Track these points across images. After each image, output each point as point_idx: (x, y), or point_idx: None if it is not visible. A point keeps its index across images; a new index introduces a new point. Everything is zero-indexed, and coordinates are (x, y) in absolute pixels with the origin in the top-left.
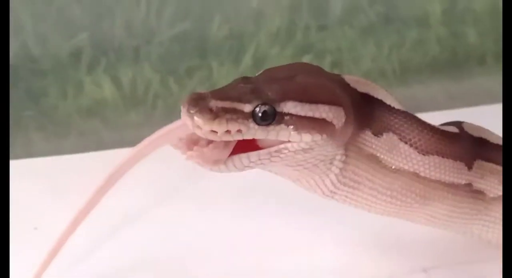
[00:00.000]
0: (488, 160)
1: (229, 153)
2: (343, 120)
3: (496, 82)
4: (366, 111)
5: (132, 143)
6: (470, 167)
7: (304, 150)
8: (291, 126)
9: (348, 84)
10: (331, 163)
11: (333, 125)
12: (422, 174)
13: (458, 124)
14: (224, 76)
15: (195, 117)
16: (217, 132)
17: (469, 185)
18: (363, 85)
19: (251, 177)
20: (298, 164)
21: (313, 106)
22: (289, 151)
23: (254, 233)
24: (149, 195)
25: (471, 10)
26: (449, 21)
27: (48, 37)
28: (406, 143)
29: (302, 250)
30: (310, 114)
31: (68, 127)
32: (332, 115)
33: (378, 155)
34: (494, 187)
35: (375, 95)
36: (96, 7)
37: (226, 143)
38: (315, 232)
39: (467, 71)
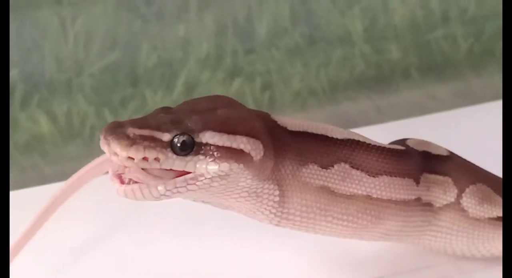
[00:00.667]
0: (432, 171)
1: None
2: (262, 153)
3: (421, 94)
4: (308, 148)
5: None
6: (417, 182)
7: (220, 177)
8: (209, 157)
9: (275, 122)
10: (260, 196)
11: (251, 156)
12: (374, 196)
13: (402, 141)
14: (158, 103)
15: (112, 144)
16: (134, 159)
17: (418, 199)
18: (301, 126)
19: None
20: (219, 193)
21: (231, 137)
22: (205, 178)
23: (203, 258)
24: (93, 228)
25: (392, 27)
26: (371, 38)
27: None
28: (357, 169)
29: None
30: (228, 144)
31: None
32: (250, 147)
33: (330, 185)
34: (439, 197)
35: (316, 131)
36: (24, 42)
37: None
38: (265, 249)
39: (393, 85)
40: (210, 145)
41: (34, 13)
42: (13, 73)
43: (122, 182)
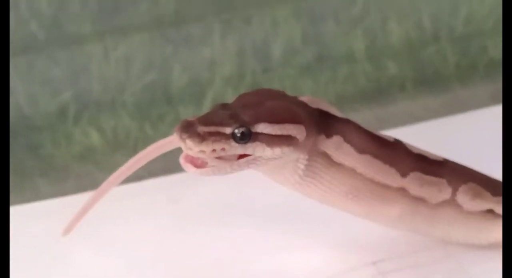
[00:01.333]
0: (428, 173)
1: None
2: (304, 134)
3: (416, 105)
4: (319, 121)
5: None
6: (403, 175)
7: (275, 159)
8: (264, 143)
9: (305, 104)
10: (296, 163)
11: (297, 139)
12: (358, 171)
13: (397, 140)
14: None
15: (187, 141)
16: (205, 151)
17: (402, 189)
18: (315, 103)
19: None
20: (271, 166)
21: (281, 125)
22: (263, 159)
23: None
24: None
25: (389, 45)
26: (371, 56)
27: (36, 98)
28: (348, 143)
29: (250, 256)
30: (278, 132)
31: (67, 172)
32: (296, 132)
33: (328, 152)
34: (434, 195)
35: (324, 109)
36: (74, 68)
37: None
38: (264, 236)
39: (391, 98)
40: (264, 133)
41: (82, 46)
42: (66, 95)
43: (195, 165)
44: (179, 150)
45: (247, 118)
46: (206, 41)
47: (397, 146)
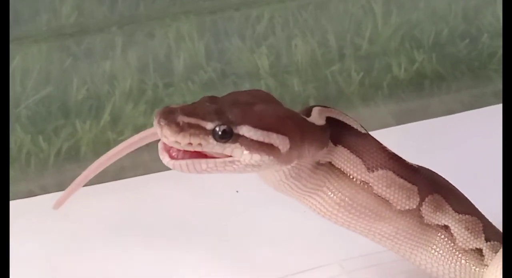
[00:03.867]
0: (402, 177)
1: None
2: (288, 147)
3: None
4: (331, 131)
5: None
6: (370, 170)
7: (253, 165)
8: (244, 147)
9: (299, 115)
10: (283, 172)
11: (279, 150)
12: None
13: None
14: (87, 132)
15: (164, 129)
16: (180, 143)
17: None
18: (327, 112)
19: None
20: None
21: (265, 133)
22: (241, 164)
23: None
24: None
25: (294, 62)
26: (276, 73)
27: None
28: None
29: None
30: (261, 139)
31: None
32: (279, 142)
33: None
34: (402, 201)
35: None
36: None
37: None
38: (167, 253)
39: None
40: (246, 137)
41: None
42: None
43: (171, 156)
44: None
45: (232, 117)
46: (107, 54)
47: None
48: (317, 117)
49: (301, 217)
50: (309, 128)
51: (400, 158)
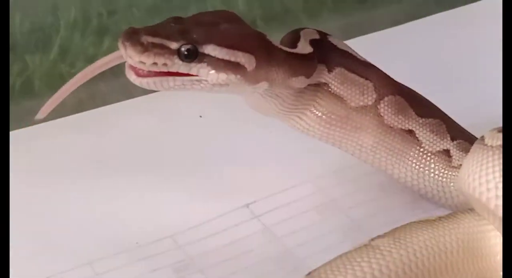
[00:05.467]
0: (352, 71)
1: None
2: (254, 65)
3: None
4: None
5: None
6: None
7: (220, 85)
8: (210, 66)
9: (264, 35)
10: (255, 91)
11: (245, 68)
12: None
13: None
14: (38, 66)
15: (128, 49)
16: (145, 63)
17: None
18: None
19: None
20: (219, 93)
21: (230, 51)
22: (208, 83)
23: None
24: None
25: None
26: None
27: None
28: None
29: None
30: (226, 57)
31: None
32: (244, 61)
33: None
34: (355, 97)
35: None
36: None
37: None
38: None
39: None
40: (212, 56)
41: None
42: None
43: (137, 74)
44: None
45: (197, 36)
46: None
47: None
48: (303, 45)
49: (267, 137)
50: (280, 52)
51: (350, 53)
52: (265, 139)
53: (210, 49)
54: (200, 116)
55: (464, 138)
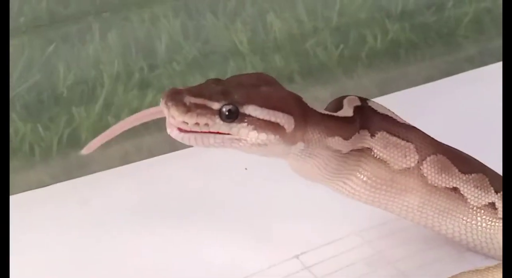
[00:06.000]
0: (393, 134)
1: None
2: (293, 126)
3: (306, 96)
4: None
5: (20, 187)
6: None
7: (259, 145)
8: (250, 126)
9: (301, 98)
10: (293, 153)
11: (284, 129)
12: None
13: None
14: (84, 118)
15: (171, 109)
16: (188, 123)
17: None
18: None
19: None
20: (257, 153)
21: (271, 112)
22: (247, 142)
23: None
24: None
25: (272, 38)
26: (256, 49)
27: None
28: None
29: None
30: (267, 118)
31: None
32: (284, 121)
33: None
34: (398, 160)
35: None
36: None
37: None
38: (182, 234)
39: None
40: (252, 116)
41: None
42: None
43: (179, 129)
44: None
45: (238, 97)
46: (88, 38)
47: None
48: (345, 109)
49: (312, 191)
50: (315, 114)
51: (390, 116)
52: (310, 192)
53: (251, 110)
54: (246, 169)
55: None
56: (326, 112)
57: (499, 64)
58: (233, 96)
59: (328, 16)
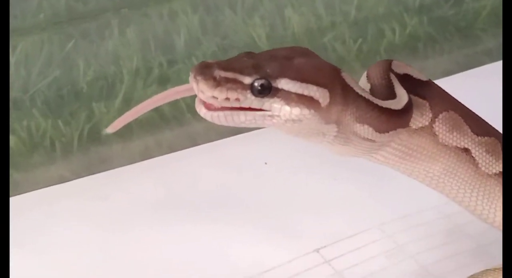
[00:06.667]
0: (414, 93)
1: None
2: (328, 100)
3: None
4: (365, 111)
5: (41, 183)
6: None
7: (293, 121)
8: (283, 101)
9: (343, 79)
10: (324, 134)
11: (319, 103)
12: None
13: (388, 63)
14: (104, 113)
15: (200, 84)
16: (217, 98)
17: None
18: (364, 92)
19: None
20: (292, 130)
21: (304, 85)
22: (281, 118)
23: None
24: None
25: (290, 33)
26: (274, 44)
27: None
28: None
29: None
30: (300, 91)
31: None
32: (318, 95)
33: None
34: (416, 119)
35: (374, 101)
36: None
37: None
38: (200, 229)
39: None
40: (285, 90)
41: None
42: None
43: (208, 107)
44: None
45: (270, 71)
46: (108, 34)
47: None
48: (399, 96)
49: (332, 184)
50: (351, 92)
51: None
52: (331, 186)
53: (284, 83)
54: (266, 163)
55: None
56: (367, 96)
57: None
58: (265, 70)
59: (346, 11)
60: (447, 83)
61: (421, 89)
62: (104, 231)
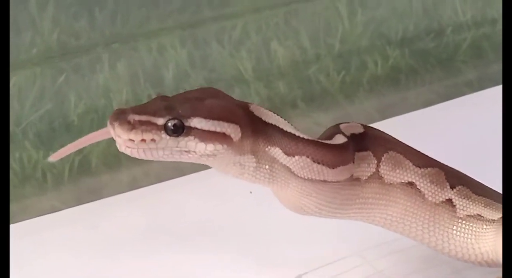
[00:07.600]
0: (359, 149)
1: None
2: (239, 135)
3: (309, 122)
4: (275, 136)
5: (32, 213)
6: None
7: (207, 155)
8: (197, 138)
9: (252, 112)
10: (242, 165)
11: (231, 138)
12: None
13: (337, 127)
14: (94, 145)
15: (116, 129)
16: (134, 140)
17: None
18: (272, 120)
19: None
20: (210, 165)
21: (216, 122)
22: (196, 154)
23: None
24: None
25: (276, 65)
26: (260, 76)
27: None
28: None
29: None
30: (212, 129)
31: None
32: (230, 130)
33: (292, 169)
34: (365, 170)
35: (283, 128)
36: None
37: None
38: (190, 257)
39: (285, 116)
40: (198, 129)
41: None
42: None
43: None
44: None
45: (182, 111)
46: (98, 69)
47: (346, 144)
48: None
49: (258, 234)
50: (261, 122)
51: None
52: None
53: (196, 122)
54: (250, 192)
55: (462, 183)
56: (274, 122)
57: (498, 88)
58: (177, 110)
59: (330, 44)
60: (428, 114)
61: (362, 142)
62: (94, 259)
